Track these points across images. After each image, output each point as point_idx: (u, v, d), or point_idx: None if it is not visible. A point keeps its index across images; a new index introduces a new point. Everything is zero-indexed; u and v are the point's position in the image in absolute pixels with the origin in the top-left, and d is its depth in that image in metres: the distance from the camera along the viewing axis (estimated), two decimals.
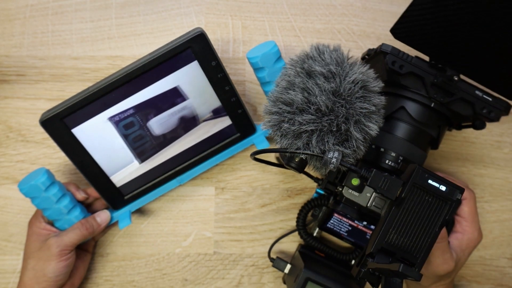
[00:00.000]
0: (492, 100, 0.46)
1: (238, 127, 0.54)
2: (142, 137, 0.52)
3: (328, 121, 0.38)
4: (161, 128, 0.52)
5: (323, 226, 0.55)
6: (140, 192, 0.55)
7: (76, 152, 0.50)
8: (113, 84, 0.48)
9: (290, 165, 0.41)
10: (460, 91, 0.46)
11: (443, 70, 0.46)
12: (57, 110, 0.48)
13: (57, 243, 0.49)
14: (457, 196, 0.39)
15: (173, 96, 0.51)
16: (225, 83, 0.51)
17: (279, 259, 0.55)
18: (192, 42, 0.48)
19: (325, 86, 0.38)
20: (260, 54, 0.49)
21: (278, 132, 0.39)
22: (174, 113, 0.52)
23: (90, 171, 0.52)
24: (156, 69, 0.48)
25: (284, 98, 0.39)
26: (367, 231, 0.54)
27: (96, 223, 0.52)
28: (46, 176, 0.49)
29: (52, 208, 0.50)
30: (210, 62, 0.49)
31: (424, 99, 0.47)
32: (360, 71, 0.39)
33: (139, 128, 0.51)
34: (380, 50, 0.46)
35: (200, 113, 0.52)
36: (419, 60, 0.46)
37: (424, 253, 0.38)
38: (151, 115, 0.51)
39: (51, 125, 0.48)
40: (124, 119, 0.50)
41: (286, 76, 0.41)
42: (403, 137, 0.47)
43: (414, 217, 0.39)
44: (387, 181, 0.39)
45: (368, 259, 0.38)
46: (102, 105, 0.49)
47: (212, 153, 0.55)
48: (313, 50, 0.41)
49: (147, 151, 0.53)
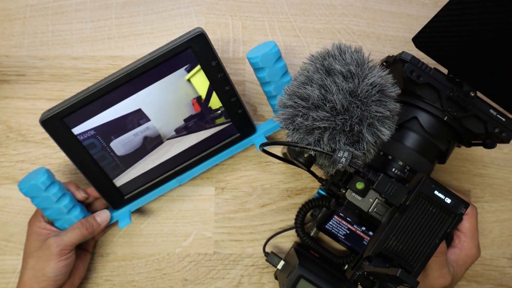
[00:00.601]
0: (506, 120, 0.46)
1: (238, 127, 0.54)
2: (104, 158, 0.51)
3: (342, 120, 0.38)
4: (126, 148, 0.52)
5: (322, 226, 0.55)
6: (140, 192, 0.55)
7: (76, 152, 0.50)
8: (114, 83, 0.48)
9: (298, 159, 0.41)
10: (475, 107, 0.46)
11: (460, 84, 0.45)
12: (57, 110, 0.48)
13: (56, 243, 0.49)
14: (461, 210, 0.39)
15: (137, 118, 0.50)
16: (225, 83, 0.51)
17: (273, 254, 0.55)
18: (192, 42, 0.48)
19: (343, 85, 0.38)
20: (260, 54, 0.49)
21: (290, 125, 0.39)
22: (138, 133, 0.51)
23: (90, 171, 0.51)
24: (157, 69, 0.48)
25: (301, 92, 0.39)
26: (365, 236, 0.54)
27: (96, 223, 0.52)
28: (46, 175, 0.49)
29: (52, 207, 0.50)
30: (210, 62, 0.49)
31: (438, 112, 0.47)
32: (379, 75, 0.39)
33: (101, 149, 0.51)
34: (399, 58, 0.46)
35: (163, 133, 0.52)
36: (437, 72, 0.46)
37: (422, 263, 0.38)
38: (114, 136, 0.51)
39: (51, 125, 0.48)
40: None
41: (305, 71, 0.40)
42: (412, 147, 0.47)
43: (416, 226, 0.38)
44: (394, 187, 0.39)
45: (365, 262, 0.38)
46: (103, 104, 0.49)
47: (212, 153, 0.55)
48: (335, 49, 0.40)
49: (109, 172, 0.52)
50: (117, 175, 0.53)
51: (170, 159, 0.54)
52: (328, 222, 0.54)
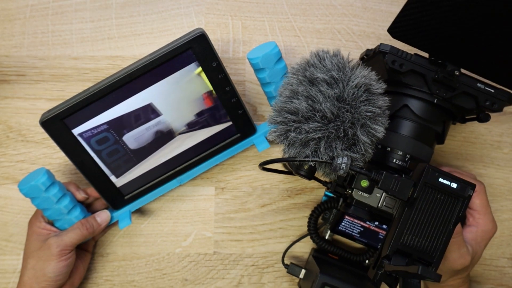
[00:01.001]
0: (495, 91, 0.46)
1: (238, 127, 0.54)
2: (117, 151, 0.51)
3: (334, 127, 0.38)
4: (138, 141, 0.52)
5: (335, 229, 0.54)
6: (140, 192, 0.55)
7: (77, 153, 0.50)
8: (114, 84, 0.47)
9: (299, 173, 0.41)
10: (462, 85, 0.46)
11: (443, 65, 0.45)
12: (57, 111, 0.47)
13: (57, 243, 0.49)
14: (469, 192, 0.39)
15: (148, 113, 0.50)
16: (226, 83, 0.51)
17: (293, 265, 0.55)
18: (193, 43, 0.48)
19: (328, 93, 0.38)
20: (261, 55, 0.49)
21: (285, 141, 0.40)
22: (150, 127, 0.51)
23: (90, 171, 0.52)
24: (157, 70, 0.48)
25: (289, 107, 0.39)
26: (380, 231, 0.53)
27: (96, 223, 0.52)
28: (46, 176, 0.49)
29: (52, 208, 0.50)
30: (210, 63, 0.49)
31: (427, 96, 0.47)
32: (362, 75, 0.39)
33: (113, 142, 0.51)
34: (379, 50, 0.46)
35: (175, 127, 0.52)
36: (419, 57, 0.46)
37: (440, 251, 0.38)
38: (127, 129, 0.51)
39: (51, 125, 0.48)
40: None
41: (288, 85, 0.41)
42: (408, 135, 0.47)
43: (427, 216, 0.39)
44: (398, 182, 0.39)
45: (385, 261, 0.38)
46: (103, 105, 0.49)
47: (212, 153, 0.55)
48: (314, 57, 0.41)
49: (122, 166, 0.52)
50: (125, 171, 0.53)
51: (170, 159, 0.54)
52: (340, 223, 0.53)
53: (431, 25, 0.42)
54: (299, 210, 0.60)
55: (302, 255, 0.60)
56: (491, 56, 0.44)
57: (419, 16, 0.42)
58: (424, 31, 0.43)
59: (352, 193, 0.44)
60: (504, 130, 0.62)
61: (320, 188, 0.60)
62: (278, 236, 0.59)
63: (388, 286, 0.39)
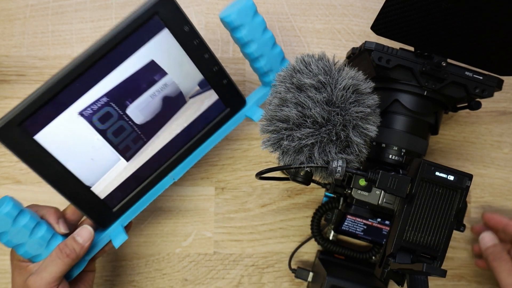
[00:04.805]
0: (483, 78, 0.47)
1: (226, 100, 0.48)
2: (123, 129, 0.44)
3: (326, 131, 0.38)
4: (144, 113, 0.45)
5: (338, 229, 0.54)
6: (130, 200, 0.47)
7: (44, 164, 0.41)
8: (73, 71, 0.40)
9: (296, 180, 0.41)
10: (450, 75, 0.46)
11: (429, 57, 0.46)
12: (11, 115, 0.39)
13: (36, 284, 0.41)
14: (466, 183, 0.39)
15: (150, 74, 0.43)
16: (203, 50, 0.45)
17: (300, 269, 0.56)
18: (158, 7, 0.41)
19: (317, 98, 0.38)
20: (235, 10, 0.44)
21: (279, 150, 0.40)
22: (155, 93, 0.45)
23: (65, 185, 0.43)
24: (122, 45, 0.41)
25: (279, 115, 0.39)
26: (383, 227, 0.54)
27: (78, 245, 0.43)
28: (12, 204, 0.40)
29: (26, 243, 0.41)
30: (182, 27, 0.43)
31: (416, 89, 0.47)
32: (349, 76, 0.39)
33: (118, 118, 0.44)
34: (364, 48, 0.46)
35: (185, 89, 0.46)
36: (405, 52, 0.46)
37: (444, 245, 0.39)
38: (129, 100, 0.43)
39: (6, 134, 0.38)
40: (97, 111, 0.42)
41: (277, 93, 0.41)
42: (402, 129, 0.47)
43: (427, 211, 0.39)
44: (395, 180, 0.39)
45: (390, 259, 0.39)
46: (66, 99, 0.40)
47: (204, 136, 0.48)
48: (299, 63, 0.41)
49: (131, 146, 0.45)
50: (135, 152, 0.45)
51: (158, 153, 0.47)
52: (343, 223, 0.53)
53: (413, 19, 0.43)
54: (299, 210, 0.60)
55: (304, 255, 0.60)
56: (476, 43, 0.44)
57: (401, 11, 0.42)
58: (407, 25, 0.43)
59: (351, 193, 0.44)
60: (504, 130, 0.62)
61: (320, 188, 0.60)
62: (278, 236, 0.59)
63: (396, 283, 0.40)
